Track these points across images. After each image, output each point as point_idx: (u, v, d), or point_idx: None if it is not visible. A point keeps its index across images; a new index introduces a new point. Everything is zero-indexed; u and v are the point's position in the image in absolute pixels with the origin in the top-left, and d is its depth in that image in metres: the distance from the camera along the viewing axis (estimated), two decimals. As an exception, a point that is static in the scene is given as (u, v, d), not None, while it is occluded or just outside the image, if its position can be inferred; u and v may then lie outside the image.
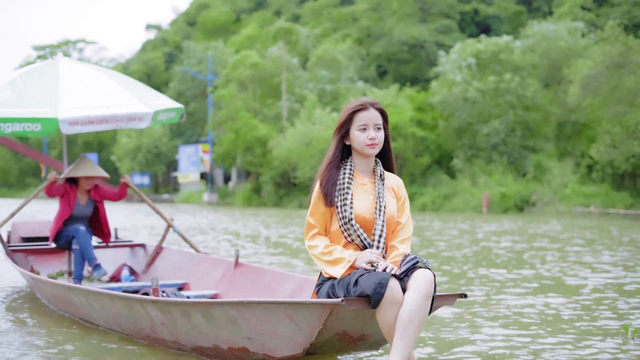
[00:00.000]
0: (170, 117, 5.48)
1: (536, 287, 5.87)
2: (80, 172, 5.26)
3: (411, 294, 2.71)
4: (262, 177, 34.11)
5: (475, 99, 28.61)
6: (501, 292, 5.55)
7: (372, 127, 2.94)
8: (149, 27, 65.21)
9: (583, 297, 5.36)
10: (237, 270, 4.73)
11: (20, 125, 4.84)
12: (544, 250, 9.46)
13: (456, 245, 10.31)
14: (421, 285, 2.72)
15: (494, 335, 3.95)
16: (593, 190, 24.81)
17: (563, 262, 7.86)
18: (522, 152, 28.56)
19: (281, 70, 35.42)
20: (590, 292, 5.65)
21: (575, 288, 5.85)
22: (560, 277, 6.57)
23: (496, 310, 4.73)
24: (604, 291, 5.68)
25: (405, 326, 2.68)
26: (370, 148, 2.94)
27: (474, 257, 8.45)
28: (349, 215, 2.91)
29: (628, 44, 23.65)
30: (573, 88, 25.22)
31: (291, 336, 2.86)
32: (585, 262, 7.87)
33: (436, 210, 26.07)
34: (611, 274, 6.82)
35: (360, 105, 2.96)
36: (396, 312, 2.71)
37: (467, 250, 9.35)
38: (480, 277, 6.60)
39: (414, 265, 2.78)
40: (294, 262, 7.83)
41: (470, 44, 30.28)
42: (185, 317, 3.28)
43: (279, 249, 9.54)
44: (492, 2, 42.99)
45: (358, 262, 2.84)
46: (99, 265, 5.21)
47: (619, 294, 5.57)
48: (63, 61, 5.57)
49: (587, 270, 7.15)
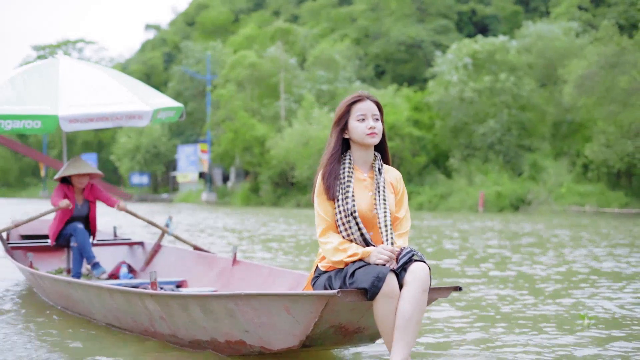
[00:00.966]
0: (169, 116, 5.47)
1: (498, 280, 6.02)
2: (72, 170, 5.27)
3: (409, 290, 2.71)
4: (260, 176, 34.11)
5: (472, 98, 28.66)
6: (470, 290, 5.52)
7: (371, 117, 2.95)
8: (148, 27, 65.05)
9: (541, 287, 5.52)
10: (235, 267, 4.75)
11: (21, 123, 4.83)
12: (521, 246, 9.53)
13: (435, 241, 10.39)
14: (418, 279, 2.72)
15: (455, 326, 4.04)
16: (588, 190, 24.87)
17: (531, 257, 7.99)
18: (518, 152, 28.60)
19: (279, 70, 35.42)
20: (554, 282, 5.83)
21: (534, 280, 6.02)
22: (522, 270, 6.77)
23: (458, 303, 4.86)
24: (564, 281, 5.89)
25: (405, 324, 2.68)
26: (370, 137, 2.93)
27: (450, 252, 8.52)
28: (352, 207, 2.88)
29: (622, 44, 23.68)
30: (568, 88, 25.26)
31: (288, 328, 2.87)
32: (558, 256, 7.98)
33: (432, 210, 26.10)
34: (579, 267, 7.03)
35: (357, 97, 2.97)
36: (392, 305, 2.70)
37: (444, 246, 9.45)
38: (445, 270, 6.71)
39: (410, 258, 2.79)
40: (291, 259, 7.85)
41: (467, 44, 30.32)
42: (184, 311, 3.29)
43: (275, 246, 9.56)
44: (490, 2, 42.97)
45: (372, 258, 2.80)
46: (97, 264, 5.22)
47: (578, 284, 5.76)
48: (63, 59, 5.57)
49: (552, 263, 7.27)
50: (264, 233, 12.52)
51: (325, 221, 2.92)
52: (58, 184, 5.38)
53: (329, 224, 2.92)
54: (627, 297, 5.16)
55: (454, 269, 7.00)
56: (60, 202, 5.17)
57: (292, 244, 10.15)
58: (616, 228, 14.28)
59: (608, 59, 23.64)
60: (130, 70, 50.99)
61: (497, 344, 3.62)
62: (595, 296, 5.17)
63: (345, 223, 2.88)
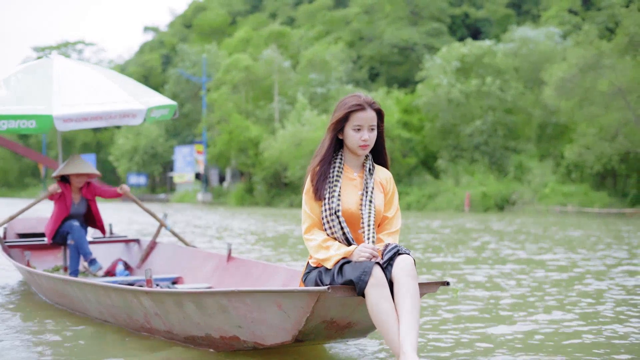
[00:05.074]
0: (163, 114, 5.40)
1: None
2: (70, 169, 5.22)
3: (399, 282, 2.68)
4: (254, 177, 34.08)
5: (459, 100, 28.76)
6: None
7: (367, 128, 2.91)
8: (147, 29, 64.67)
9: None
10: (229, 263, 4.73)
11: (16, 123, 4.77)
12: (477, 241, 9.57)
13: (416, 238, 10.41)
14: (404, 269, 2.70)
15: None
16: (572, 190, 25.01)
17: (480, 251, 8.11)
18: (504, 153, 28.72)
19: (273, 72, 35.40)
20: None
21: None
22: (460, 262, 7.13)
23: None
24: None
25: (405, 316, 2.63)
26: (361, 149, 2.93)
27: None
28: (336, 207, 2.88)
29: (601, 48, 23.79)
30: (548, 90, 25.38)
31: (280, 324, 2.86)
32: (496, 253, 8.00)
33: (420, 209, 26.17)
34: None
35: (358, 105, 2.91)
36: (382, 294, 2.66)
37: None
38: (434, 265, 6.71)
39: (395, 253, 2.77)
40: (284, 257, 7.82)
41: (455, 47, 30.42)
42: (178, 307, 3.27)
43: (270, 243, 9.53)
44: (482, 5, 42.98)
45: (355, 257, 2.79)
46: (94, 260, 5.17)
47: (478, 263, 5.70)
48: (57, 59, 5.51)
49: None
50: (256, 231, 12.49)
51: (311, 219, 2.92)
52: (55, 182, 5.33)
53: (314, 222, 2.92)
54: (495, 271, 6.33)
55: (443, 264, 7.00)
56: (49, 187, 5.14)
57: (287, 241, 10.12)
58: (575, 225, 14.38)
59: (587, 62, 23.74)
60: (129, 72, 50.80)
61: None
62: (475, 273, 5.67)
63: (329, 221, 2.88)
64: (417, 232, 12.38)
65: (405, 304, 2.65)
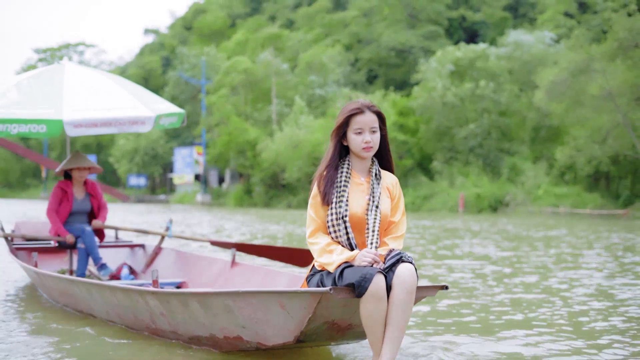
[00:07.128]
0: (172, 122, 5.42)
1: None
2: (72, 163, 5.26)
3: (396, 293, 2.72)
4: (252, 178, 34.09)
5: (454, 103, 28.82)
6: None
7: (368, 130, 2.94)
8: (147, 32, 64.47)
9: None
10: (233, 269, 4.76)
11: (26, 127, 4.80)
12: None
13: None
14: (403, 282, 2.73)
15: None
16: (564, 192, 25.09)
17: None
18: (498, 155, 28.79)
19: (271, 75, 35.41)
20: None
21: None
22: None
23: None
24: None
25: (391, 327, 2.71)
26: (365, 151, 2.94)
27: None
28: (344, 212, 2.90)
29: (591, 52, 23.87)
30: (539, 93, 25.46)
31: (283, 324, 2.90)
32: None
33: (416, 211, 26.22)
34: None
35: (356, 109, 2.95)
36: (377, 307, 2.71)
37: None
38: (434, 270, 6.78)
39: (397, 260, 2.80)
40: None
41: (450, 51, 30.48)
42: (184, 307, 3.30)
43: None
44: (479, 8, 42.93)
45: (357, 262, 2.81)
46: (105, 265, 5.18)
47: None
48: (68, 65, 5.54)
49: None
50: (255, 232, 12.52)
51: (316, 222, 2.94)
52: (55, 185, 5.35)
53: (318, 225, 2.94)
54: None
55: (441, 271, 7.06)
56: (67, 237, 5.15)
57: (291, 243, 10.16)
58: (557, 223, 14.46)
59: (578, 66, 23.84)
60: (129, 74, 50.71)
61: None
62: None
63: (335, 225, 2.90)
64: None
65: (396, 318, 2.71)
